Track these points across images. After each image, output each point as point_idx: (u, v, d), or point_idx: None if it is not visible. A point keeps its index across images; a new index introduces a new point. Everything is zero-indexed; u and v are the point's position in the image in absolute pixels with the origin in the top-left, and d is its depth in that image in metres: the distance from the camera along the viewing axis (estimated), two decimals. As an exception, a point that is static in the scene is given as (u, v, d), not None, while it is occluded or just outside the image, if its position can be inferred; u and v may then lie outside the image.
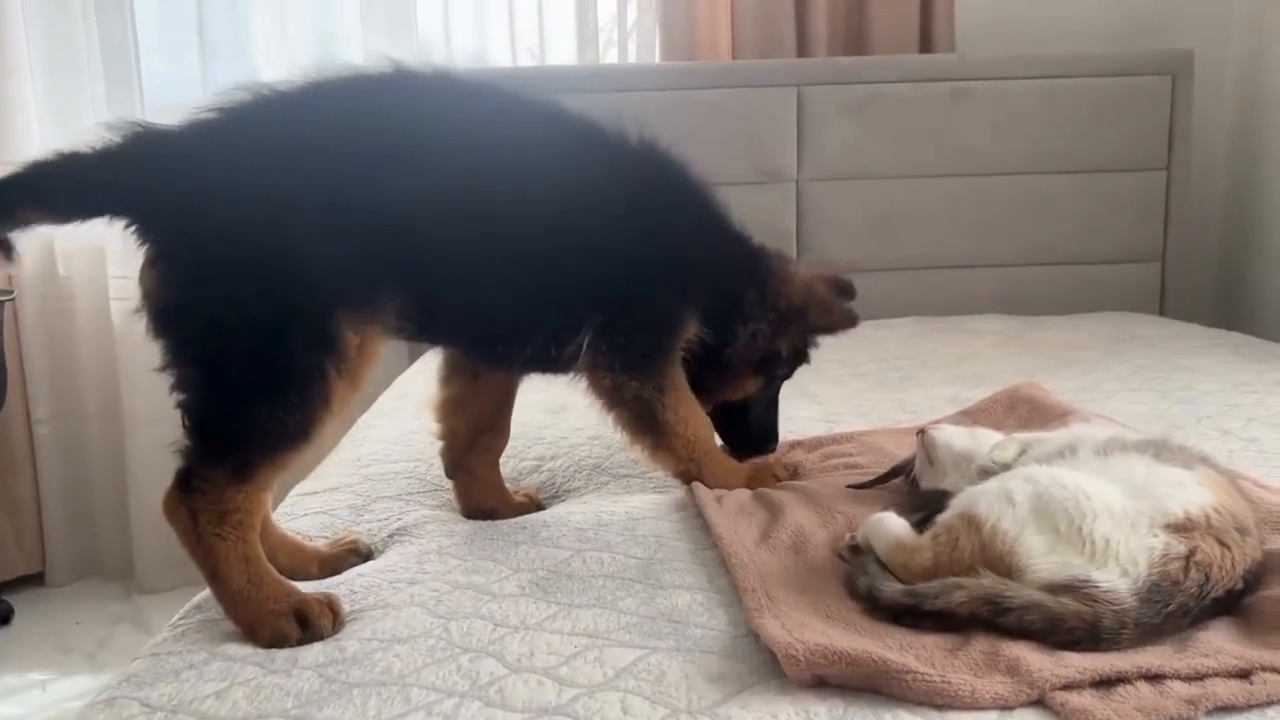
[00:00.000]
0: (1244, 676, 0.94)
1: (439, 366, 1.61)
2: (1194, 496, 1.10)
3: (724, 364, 1.58)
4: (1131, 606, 1.00)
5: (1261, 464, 1.59)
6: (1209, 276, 3.33)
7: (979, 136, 3.04)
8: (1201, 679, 0.93)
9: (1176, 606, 1.01)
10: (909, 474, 1.45)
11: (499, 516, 1.53)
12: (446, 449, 1.60)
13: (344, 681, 1.04)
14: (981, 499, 1.11)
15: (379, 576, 1.29)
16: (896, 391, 2.19)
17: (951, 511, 1.13)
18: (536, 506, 1.60)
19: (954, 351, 2.54)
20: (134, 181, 1.20)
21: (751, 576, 1.16)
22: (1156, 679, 0.94)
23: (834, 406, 2.05)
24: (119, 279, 2.93)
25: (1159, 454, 1.17)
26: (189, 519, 1.19)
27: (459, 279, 1.36)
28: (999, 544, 1.06)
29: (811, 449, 1.74)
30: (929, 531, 1.13)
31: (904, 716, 0.92)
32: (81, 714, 1.03)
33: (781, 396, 2.12)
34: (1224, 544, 1.06)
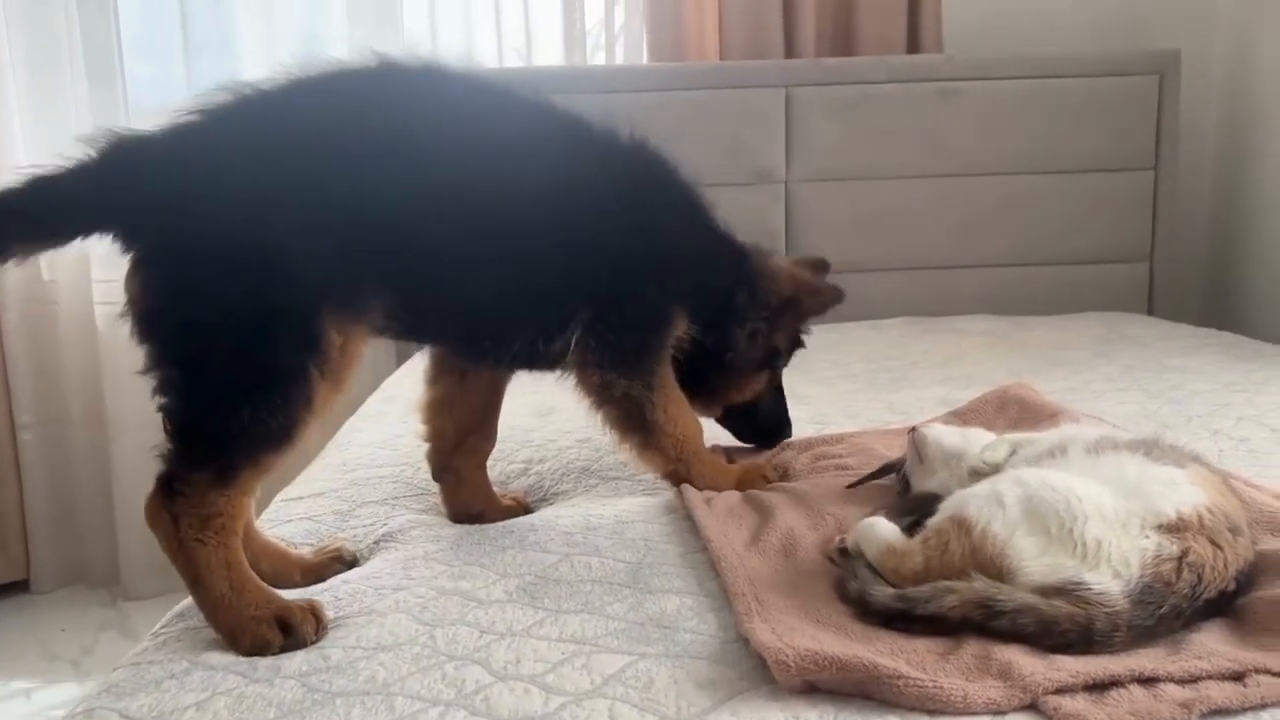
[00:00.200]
0: (1238, 679, 0.93)
1: (426, 366, 1.60)
2: (1186, 496, 1.09)
3: (728, 368, 1.61)
4: (1124, 609, 0.99)
5: (1252, 464, 1.59)
6: (1197, 276, 3.33)
7: (967, 137, 3.04)
8: (1195, 682, 0.92)
9: (1169, 608, 1.01)
10: (900, 471, 1.44)
11: (486, 520, 1.51)
12: (433, 451, 1.59)
13: (327, 691, 1.02)
14: (971, 502, 1.10)
15: (364, 583, 1.27)
16: (886, 392, 2.18)
17: (941, 515, 1.12)
18: (524, 510, 1.58)
19: (943, 352, 2.54)
20: (115, 190, 1.19)
21: (741, 580, 1.15)
22: (1150, 682, 0.93)
23: (823, 408, 2.04)
24: (103, 283, 2.90)
25: (1150, 453, 1.17)
26: (170, 524, 1.18)
27: (446, 276, 1.35)
28: (990, 547, 1.05)
29: (802, 450, 1.72)
30: (919, 535, 1.12)
31: (895, 722, 0.91)
32: (60, 725, 1.01)
33: (770, 398, 2.13)
34: (1216, 544, 1.05)
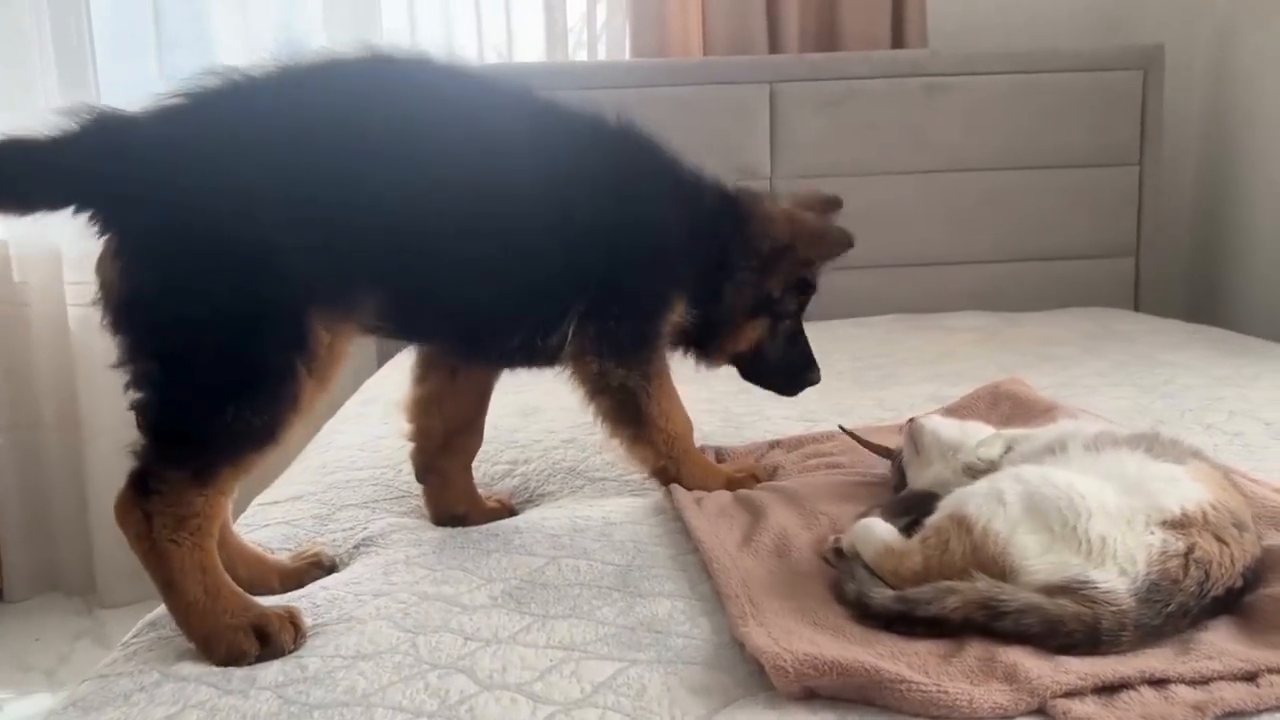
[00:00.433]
0: (1250, 679, 0.90)
1: (414, 363, 1.56)
2: (1189, 492, 1.06)
3: (719, 320, 1.55)
4: (1131, 607, 0.96)
5: (1248, 458, 1.57)
6: (1182, 271, 3.32)
7: (952, 132, 3.02)
8: (1207, 683, 0.90)
9: (1176, 606, 0.98)
10: (896, 463, 1.41)
11: (470, 523, 1.47)
12: (418, 450, 1.55)
13: (304, 703, 0.98)
14: (971, 500, 1.07)
15: (343, 589, 1.23)
16: (875, 390, 2.16)
17: (941, 513, 1.09)
18: (509, 512, 1.54)
19: (932, 349, 2.52)
20: (96, 169, 1.14)
21: (734, 582, 1.11)
22: (1161, 684, 0.90)
23: (812, 406, 2.00)
24: (75, 284, 2.85)
25: (1151, 449, 1.14)
26: (143, 523, 1.13)
27: (441, 272, 1.31)
28: (991, 545, 1.02)
29: (792, 449, 1.70)
30: (918, 535, 1.09)
31: (899, 728, 0.88)
32: (25, 741, 0.96)
33: (758, 396, 2.08)
34: (1222, 540, 1.02)
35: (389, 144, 1.25)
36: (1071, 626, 0.95)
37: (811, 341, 1.67)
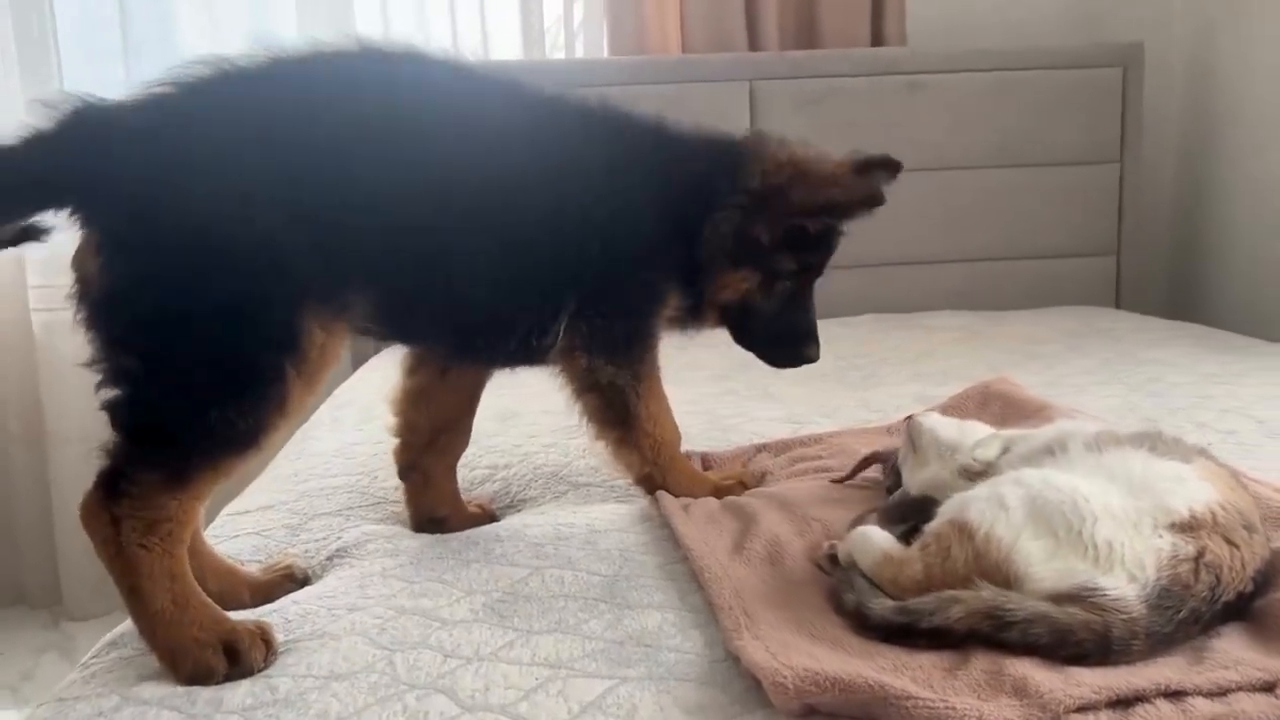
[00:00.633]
0: (1269, 689, 0.86)
1: (405, 354, 1.51)
2: (1196, 492, 1.03)
3: (701, 263, 1.42)
4: (1141, 614, 0.92)
5: (1243, 457, 1.53)
6: (1163, 269, 3.32)
7: (933, 131, 3.00)
8: (1225, 694, 0.86)
9: (1188, 613, 0.94)
10: (890, 464, 1.36)
11: (449, 528, 1.43)
12: (402, 446, 1.50)
13: (274, 727, 0.92)
14: (972, 504, 1.03)
15: (316, 603, 1.17)
16: (860, 390, 2.12)
17: (940, 519, 1.04)
18: (490, 518, 1.50)
19: (914, 348, 2.50)
20: (78, 159, 1.09)
21: (727, 592, 1.07)
22: (1177, 696, 0.86)
23: (797, 407, 1.97)
24: (40, 289, 2.78)
25: (1154, 448, 1.10)
26: (110, 527, 1.07)
27: (436, 271, 1.27)
28: (994, 552, 0.98)
29: (778, 452, 1.65)
30: (917, 542, 1.04)
31: (904, 746, 0.83)
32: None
33: (743, 397, 2.06)
34: (1232, 542, 0.99)
35: (382, 138, 1.21)
36: (1081, 636, 0.91)
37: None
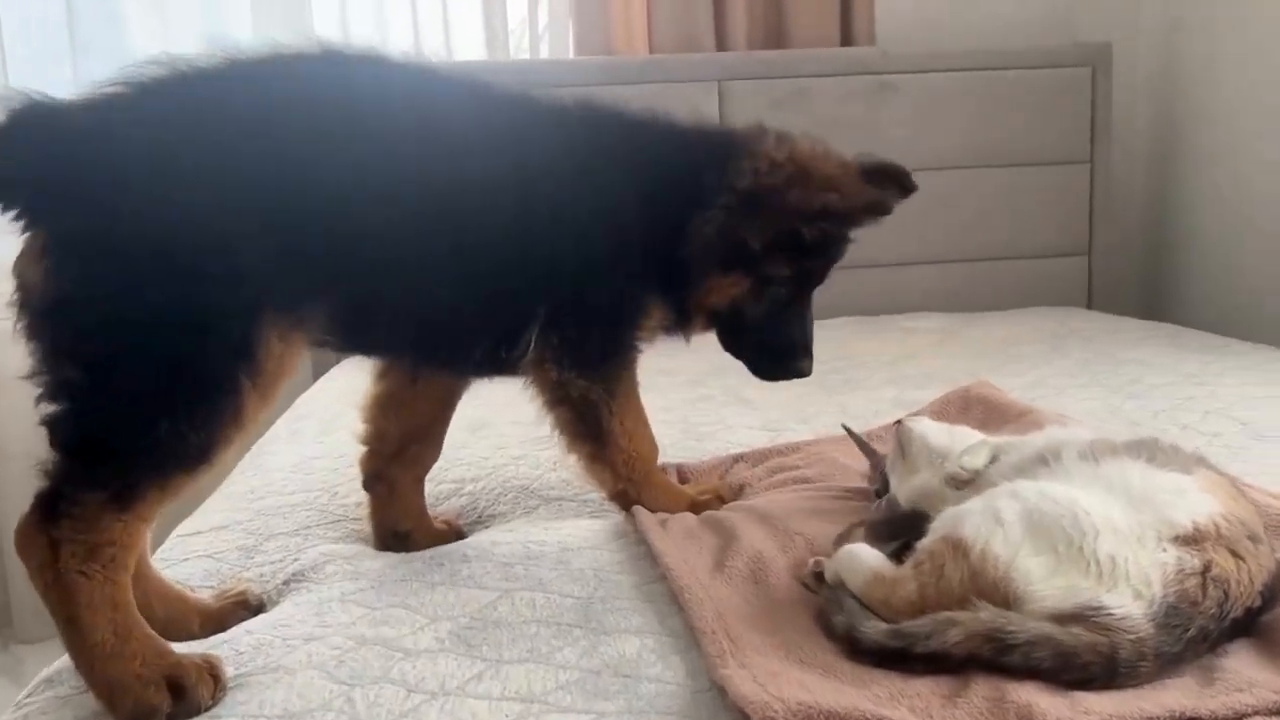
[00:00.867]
0: (1287, 713, 0.81)
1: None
2: (1198, 504, 0.98)
3: (681, 264, 1.33)
4: (1149, 634, 0.88)
5: (1230, 460, 1.50)
6: (1134, 269, 3.32)
7: (904, 131, 2.96)
8: (1240, 719, 0.81)
9: (1196, 630, 0.89)
10: (879, 471, 1.31)
11: (413, 545, 1.37)
12: (369, 455, 1.44)
13: (221, 775, 0.85)
14: (966, 519, 0.98)
15: (271, 632, 1.10)
16: (838, 395, 2.07)
17: (934, 536, 0.99)
18: (456, 535, 1.43)
19: (891, 351, 2.46)
20: (23, 157, 1.04)
21: (709, 615, 1.01)
22: (1191, 722, 0.81)
23: (774, 414, 1.92)
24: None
25: (1153, 457, 1.05)
26: (48, 550, 1.00)
27: (398, 278, 1.22)
28: (992, 570, 0.93)
29: (756, 463, 1.60)
30: (910, 560, 0.99)
31: (904, 783, 0.78)
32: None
33: (719, 404, 2.00)
34: (1238, 555, 0.94)
35: (341, 141, 1.16)
36: (1087, 658, 0.86)
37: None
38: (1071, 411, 1.77)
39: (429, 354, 1.34)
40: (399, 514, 1.41)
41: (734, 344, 1.44)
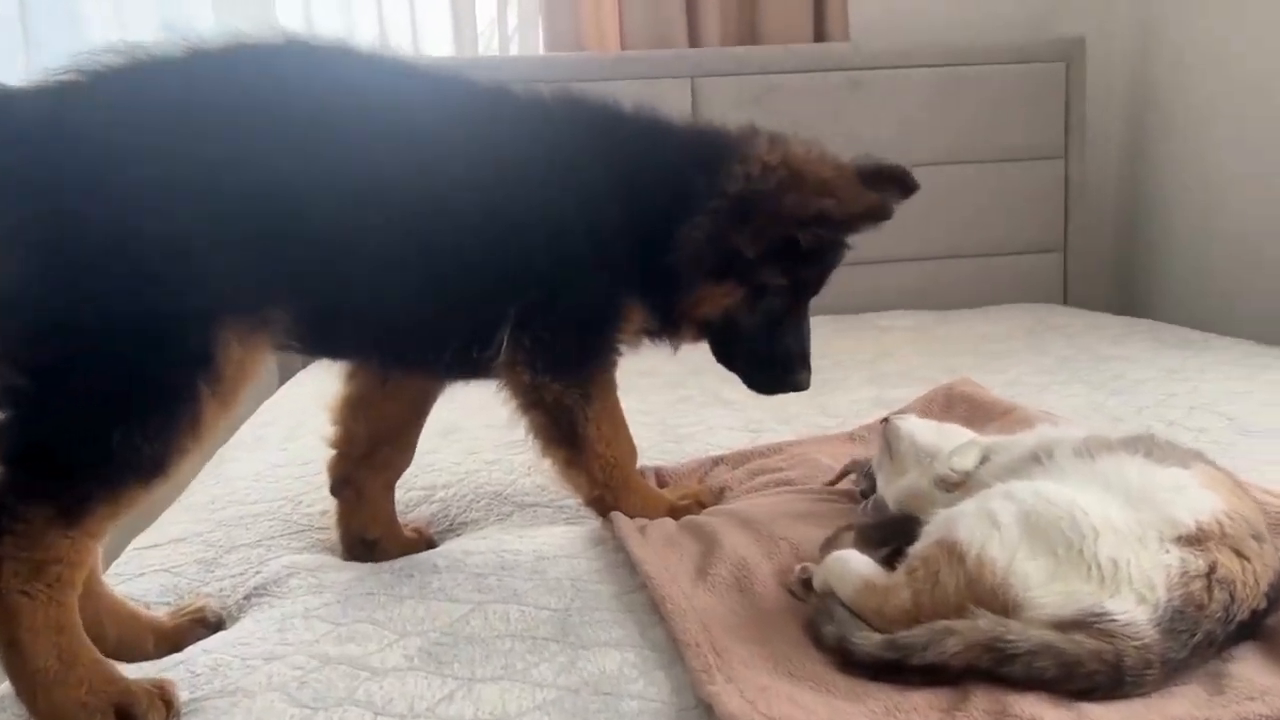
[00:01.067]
0: (1301, 722, 0.78)
1: None
2: (1200, 501, 0.94)
3: (670, 272, 1.27)
4: (1154, 640, 0.84)
5: (1219, 455, 1.43)
6: (1109, 265, 3.31)
7: (878, 127, 2.94)
8: (1254, 729, 0.77)
9: (1203, 635, 0.86)
10: (865, 472, 1.27)
11: (381, 553, 1.32)
12: (338, 458, 1.38)
13: (172, 809, 0.79)
14: (960, 522, 0.93)
15: (229, 652, 1.04)
16: (817, 394, 2.01)
17: (927, 540, 0.95)
18: (427, 544, 1.38)
19: (868, 350, 2.42)
20: None
21: (693, 626, 0.96)
22: (1204, 734, 0.77)
23: (754, 414, 1.87)
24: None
25: (1150, 453, 1.02)
26: None
27: (363, 276, 1.16)
28: (989, 575, 0.89)
29: (737, 465, 1.55)
30: (903, 566, 0.94)
31: (903, 804, 0.73)
32: None
33: (698, 404, 1.96)
34: (1243, 555, 0.91)
35: (305, 136, 1.12)
36: (1091, 667, 0.82)
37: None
38: (1055, 408, 1.74)
39: (397, 355, 1.29)
40: (367, 520, 1.36)
41: (727, 356, 1.38)
